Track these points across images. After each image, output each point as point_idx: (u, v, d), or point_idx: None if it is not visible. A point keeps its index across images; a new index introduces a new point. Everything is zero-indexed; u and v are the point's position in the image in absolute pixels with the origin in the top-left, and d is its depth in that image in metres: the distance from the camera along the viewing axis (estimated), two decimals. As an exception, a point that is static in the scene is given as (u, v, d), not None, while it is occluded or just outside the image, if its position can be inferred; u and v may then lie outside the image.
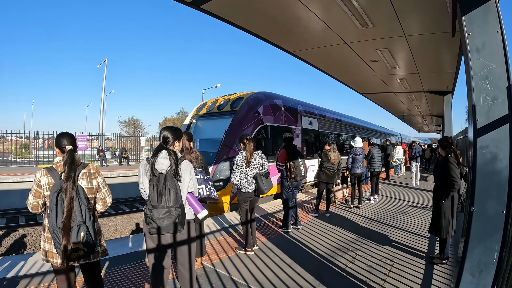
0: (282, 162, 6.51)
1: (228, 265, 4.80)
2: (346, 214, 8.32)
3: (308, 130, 13.03)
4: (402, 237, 6.32)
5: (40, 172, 2.85)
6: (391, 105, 18.80)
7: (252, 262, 4.90)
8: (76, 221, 2.71)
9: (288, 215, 6.63)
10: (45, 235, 2.87)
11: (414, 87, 12.29)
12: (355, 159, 9.06)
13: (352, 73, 10.82)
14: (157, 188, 3.09)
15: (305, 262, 4.91)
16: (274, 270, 4.63)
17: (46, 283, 4.02)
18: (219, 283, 4.21)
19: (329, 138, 15.29)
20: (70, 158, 2.85)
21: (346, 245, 5.80)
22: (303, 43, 7.67)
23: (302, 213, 8.25)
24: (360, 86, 13.37)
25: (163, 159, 3.21)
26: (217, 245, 5.68)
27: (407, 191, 12.57)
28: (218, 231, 6.58)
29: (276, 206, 9.25)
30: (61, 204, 2.69)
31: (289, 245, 5.77)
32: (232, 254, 5.26)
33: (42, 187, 2.81)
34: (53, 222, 2.67)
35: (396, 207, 9.25)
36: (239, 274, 4.49)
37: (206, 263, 4.84)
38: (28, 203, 2.87)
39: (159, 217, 3.05)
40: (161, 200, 3.07)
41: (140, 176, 3.29)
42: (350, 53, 8.19)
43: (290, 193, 6.64)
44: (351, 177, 9.41)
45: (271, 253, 5.33)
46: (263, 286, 4.13)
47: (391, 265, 4.87)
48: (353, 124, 19.15)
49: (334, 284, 4.21)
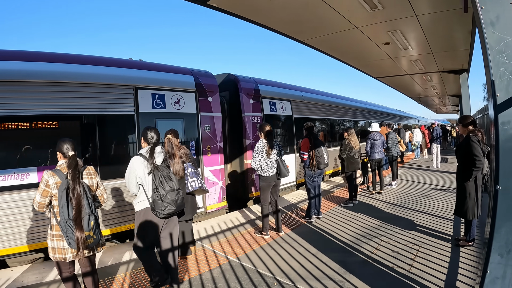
0: (305, 151, 6.52)
1: (254, 258, 4.86)
2: (368, 201, 8.28)
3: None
4: (426, 220, 6.25)
5: (47, 173, 3.17)
6: (406, 87, 18.42)
7: (278, 254, 4.94)
8: (86, 212, 3.14)
9: (311, 205, 6.63)
10: (53, 234, 3.19)
11: (429, 67, 12.01)
12: (374, 144, 8.94)
13: (365, 58, 10.65)
14: (163, 176, 3.79)
15: (330, 251, 4.92)
16: (300, 260, 4.66)
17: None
18: (246, 276, 4.27)
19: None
20: (74, 161, 3.23)
21: (371, 231, 5.78)
22: (313, 31, 7.58)
23: (324, 202, 8.23)
24: (374, 71, 13.13)
25: (160, 153, 3.91)
26: (241, 239, 5.73)
27: (428, 174, 12.36)
28: (241, 225, 6.64)
29: (298, 196, 9.28)
30: (71, 200, 3.08)
31: (314, 235, 5.79)
32: (257, 247, 5.30)
33: (50, 187, 3.14)
34: (65, 216, 3.04)
35: (418, 191, 9.14)
36: (265, 266, 4.53)
37: (231, 257, 4.90)
38: (34, 202, 3.19)
39: (173, 198, 3.78)
40: (170, 185, 3.80)
41: (137, 171, 3.82)
42: (361, 38, 8.05)
43: (314, 181, 6.65)
44: (370, 163, 9.30)
45: (295, 244, 5.36)
46: (290, 277, 4.16)
47: (416, 249, 4.84)
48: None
49: (360, 271, 4.21)
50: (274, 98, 10.05)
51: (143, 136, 4.02)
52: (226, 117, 8.93)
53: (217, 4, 5.86)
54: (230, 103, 9.20)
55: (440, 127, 19.63)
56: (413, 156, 18.29)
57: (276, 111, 10.06)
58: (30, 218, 5.13)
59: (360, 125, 16.90)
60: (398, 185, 10.08)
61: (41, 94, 5.38)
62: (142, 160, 3.84)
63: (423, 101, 27.11)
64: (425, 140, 18.28)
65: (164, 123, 6.76)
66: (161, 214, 3.76)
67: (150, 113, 6.64)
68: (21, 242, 5.12)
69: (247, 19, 6.75)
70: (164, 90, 6.97)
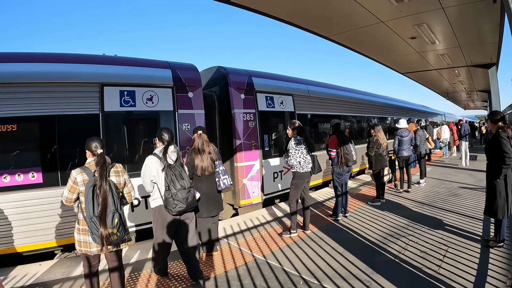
0: (333, 148, 6.48)
1: (280, 256, 4.89)
2: (396, 199, 8.18)
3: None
4: (455, 220, 6.13)
5: (75, 171, 3.30)
6: (434, 83, 18.04)
7: (304, 252, 4.96)
8: (110, 210, 3.22)
9: (338, 203, 6.61)
10: (80, 228, 3.33)
11: (457, 61, 11.73)
12: (402, 141, 8.79)
13: (391, 53, 10.50)
14: (175, 175, 3.96)
15: (357, 250, 4.90)
16: (326, 259, 4.66)
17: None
18: (271, 274, 4.30)
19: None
20: (102, 159, 3.31)
21: (398, 231, 5.72)
22: (338, 26, 7.53)
23: (351, 200, 8.17)
24: (401, 66, 12.92)
25: (173, 152, 4.11)
26: (267, 237, 5.77)
27: (457, 172, 12.07)
28: (268, 222, 6.68)
29: (325, 194, 9.26)
30: (97, 197, 3.17)
31: (340, 233, 5.78)
32: (283, 245, 5.33)
33: (78, 184, 3.26)
34: (90, 212, 3.14)
35: (447, 190, 8.94)
36: (291, 264, 4.55)
37: (257, 255, 4.95)
38: (62, 197, 3.35)
39: (183, 196, 3.93)
40: (181, 183, 3.95)
41: (151, 169, 4.07)
42: (387, 32, 7.94)
43: (342, 179, 6.63)
44: (398, 160, 9.13)
45: (322, 242, 5.36)
46: (316, 275, 4.17)
47: (445, 250, 4.76)
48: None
49: (387, 271, 4.17)
50: (271, 92, 9.04)
51: (157, 137, 4.29)
52: (216, 114, 8.35)
53: (240, 2, 5.90)
54: (221, 99, 8.41)
55: (468, 123, 19.09)
56: (441, 154, 17.83)
57: (274, 106, 9.06)
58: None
59: (380, 122, 15.78)
60: (426, 183, 9.88)
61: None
62: (156, 159, 4.10)
63: (451, 97, 26.45)
64: (453, 137, 17.82)
65: (134, 123, 6.46)
66: (172, 211, 3.96)
67: (117, 112, 6.10)
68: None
69: (271, 16, 6.78)
70: (135, 86, 6.36)
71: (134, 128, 6.30)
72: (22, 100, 5.25)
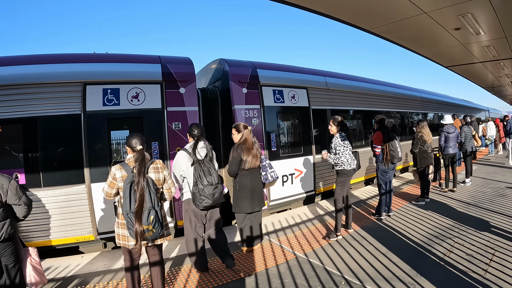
0: (378, 144, 6.43)
1: (321, 254, 4.91)
2: (441, 199, 7.98)
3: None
4: (502, 222, 5.94)
5: (115, 167, 3.43)
6: (479, 76, 17.17)
7: (346, 252, 4.97)
8: (147, 207, 3.25)
9: (382, 201, 6.55)
10: (119, 221, 3.45)
11: (502, 53, 11.09)
12: (448, 138, 8.50)
13: (434, 45, 10.11)
14: (203, 171, 4.12)
15: (400, 251, 4.85)
16: (369, 259, 4.64)
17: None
18: (313, 273, 4.32)
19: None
20: (141, 156, 3.39)
21: (443, 232, 5.61)
22: (379, 19, 7.35)
23: (394, 199, 7.97)
24: (445, 59, 12.39)
25: (202, 148, 4.24)
26: (309, 235, 5.82)
27: (504, 171, 11.53)
28: (309, 220, 6.73)
29: (367, 192, 9.19)
30: (134, 193, 3.23)
31: (383, 233, 5.74)
32: (325, 243, 5.36)
33: (117, 179, 3.37)
34: (127, 208, 3.22)
35: (493, 190, 8.61)
36: (332, 264, 4.57)
37: (299, 253, 5.01)
38: (103, 191, 3.47)
39: (210, 192, 4.07)
40: (209, 179, 4.09)
41: (181, 164, 4.25)
42: (430, 23, 7.68)
43: (387, 177, 6.56)
44: (444, 158, 8.85)
45: (365, 242, 5.35)
46: (358, 276, 4.16)
47: (492, 253, 4.64)
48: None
49: (432, 274, 4.11)
50: (280, 85, 8.19)
51: (188, 133, 4.46)
52: (219, 111, 7.71)
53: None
54: (223, 94, 7.74)
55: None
56: (487, 152, 17.06)
57: (284, 101, 8.18)
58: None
59: (412, 118, 14.59)
60: (472, 182, 9.55)
61: None
62: (185, 154, 4.27)
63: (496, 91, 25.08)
64: (500, 134, 17.02)
65: (118, 123, 6.12)
66: (199, 206, 4.14)
67: (100, 111, 5.84)
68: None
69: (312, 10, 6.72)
70: (119, 84, 6.05)
71: (117, 128, 6.09)
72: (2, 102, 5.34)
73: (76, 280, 4.45)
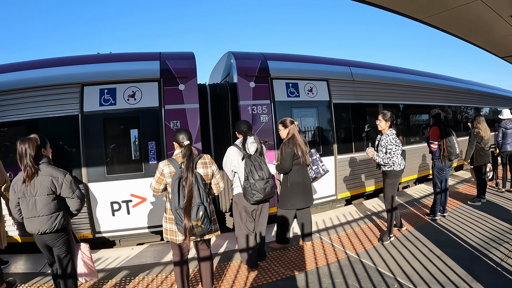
0: (435, 140, 6.21)
1: (374, 255, 4.87)
2: (498, 200, 7.53)
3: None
4: None
5: (162, 163, 3.49)
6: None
7: (399, 253, 4.88)
8: (196, 202, 3.27)
9: (437, 201, 6.34)
10: (167, 216, 3.53)
11: None
12: (506, 134, 7.98)
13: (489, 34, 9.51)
14: (254, 166, 4.17)
15: (455, 254, 4.69)
16: (423, 262, 4.53)
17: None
18: (365, 274, 4.29)
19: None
20: (188, 151, 3.39)
21: (501, 235, 5.34)
22: (431, 7, 7.10)
23: (448, 198, 7.65)
24: (500, 49, 11.63)
25: (252, 143, 4.26)
26: (361, 234, 5.79)
27: None
28: (361, 218, 6.69)
29: (421, 191, 8.93)
30: (182, 189, 3.25)
31: (438, 234, 5.57)
32: (378, 243, 5.30)
33: (165, 175, 3.43)
34: (175, 204, 3.25)
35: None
36: (385, 265, 4.51)
37: (350, 252, 5.01)
38: (151, 187, 3.56)
39: (261, 187, 4.14)
40: (260, 174, 4.15)
41: (232, 159, 4.32)
42: (484, 10, 7.26)
43: (443, 175, 6.33)
44: (501, 155, 8.31)
45: (418, 243, 5.23)
46: (412, 279, 4.08)
47: (556, 261, 4.35)
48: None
49: (488, 280, 3.97)
50: (295, 77, 7.46)
51: (236, 130, 4.59)
52: (229, 108, 7.10)
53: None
54: (231, 90, 7.16)
55: None
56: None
57: (299, 95, 7.45)
58: None
59: (463, 113, 13.14)
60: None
61: None
62: (235, 149, 4.36)
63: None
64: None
65: (114, 122, 6.07)
66: (250, 200, 4.23)
67: (96, 112, 5.85)
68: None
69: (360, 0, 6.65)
70: (116, 83, 6.00)
71: (113, 128, 6.09)
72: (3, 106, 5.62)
73: (125, 271, 4.66)
